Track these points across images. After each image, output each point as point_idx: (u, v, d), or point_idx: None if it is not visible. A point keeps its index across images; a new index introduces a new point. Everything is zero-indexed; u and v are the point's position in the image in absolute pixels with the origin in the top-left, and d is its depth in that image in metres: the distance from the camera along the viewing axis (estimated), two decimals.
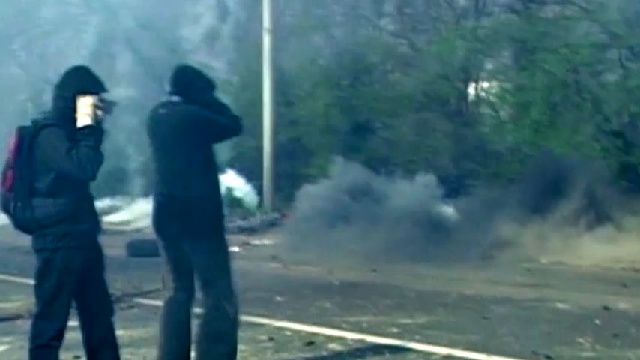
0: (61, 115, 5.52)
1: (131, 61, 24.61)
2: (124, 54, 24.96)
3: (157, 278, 11.20)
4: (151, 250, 14.73)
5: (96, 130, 5.47)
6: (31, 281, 5.75)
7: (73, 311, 9.07)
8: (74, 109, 5.50)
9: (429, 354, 7.56)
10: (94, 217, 5.68)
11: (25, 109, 31.85)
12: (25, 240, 5.80)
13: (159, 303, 9.00)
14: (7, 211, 5.58)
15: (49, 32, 30.71)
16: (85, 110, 5.48)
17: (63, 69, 5.78)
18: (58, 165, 5.42)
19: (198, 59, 24.24)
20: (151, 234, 6.78)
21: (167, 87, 6.55)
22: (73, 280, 5.58)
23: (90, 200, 5.68)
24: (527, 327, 8.76)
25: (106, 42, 26.29)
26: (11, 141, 5.54)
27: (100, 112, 5.51)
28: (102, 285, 5.79)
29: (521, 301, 10.37)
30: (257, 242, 17.26)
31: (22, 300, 10.45)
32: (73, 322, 9.03)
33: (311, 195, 16.83)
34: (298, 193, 17.29)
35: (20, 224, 5.58)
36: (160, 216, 6.43)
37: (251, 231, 18.89)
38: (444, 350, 7.67)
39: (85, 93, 5.52)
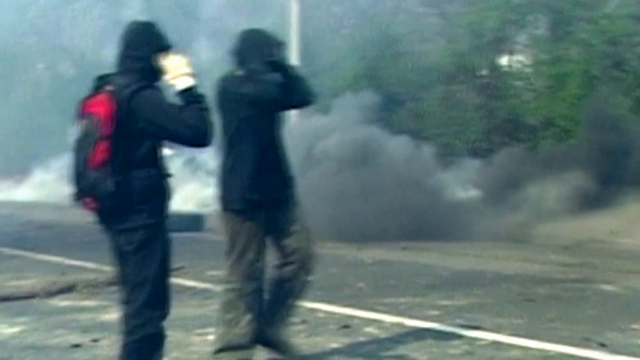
0: (140, 78, 4.93)
1: None
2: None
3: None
4: None
5: (199, 91, 4.96)
6: (46, 257, 5.22)
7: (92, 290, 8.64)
8: (154, 70, 4.97)
9: (474, 339, 7.06)
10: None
11: (42, 77, 31.64)
12: (39, 215, 5.25)
13: None
14: (94, 190, 4.86)
15: (65, 0, 30.39)
16: (183, 70, 4.93)
17: (78, 37, 5.20)
18: (168, 132, 4.87)
19: (217, 27, 23.91)
20: None
21: None
22: (170, 256, 5.07)
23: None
24: (574, 310, 8.26)
25: (121, 9, 25.91)
26: (101, 108, 4.85)
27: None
28: None
29: (564, 282, 9.91)
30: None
31: (37, 277, 10.13)
32: (90, 303, 8.75)
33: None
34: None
35: (111, 203, 4.88)
36: None
37: None
38: (489, 335, 7.16)
39: (163, 51, 4.99)
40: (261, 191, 5.94)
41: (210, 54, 21.87)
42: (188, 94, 4.91)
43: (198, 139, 4.91)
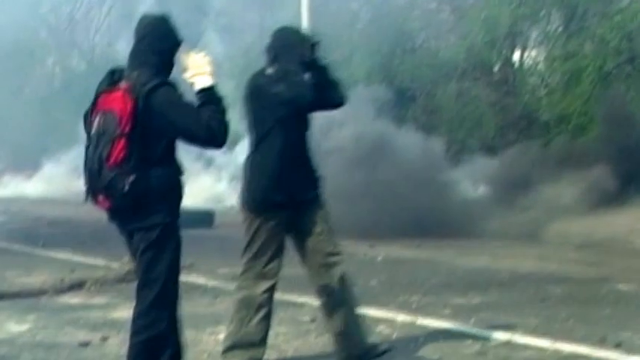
0: (155, 73, 4.85)
1: None
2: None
3: None
4: None
5: (218, 92, 4.89)
6: (56, 254, 5.13)
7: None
8: (169, 64, 4.92)
9: (487, 339, 6.94)
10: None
11: (53, 72, 31.51)
12: (49, 210, 5.16)
13: None
14: (110, 189, 4.76)
15: None
16: (204, 69, 4.86)
17: (89, 31, 5.10)
18: (183, 131, 4.80)
19: (227, 21, 23.78)
20: None
21: None
22: (180, 256, 5.00)
23: None
24: (589, 310, 8.11)
25: (133, 3, 25.82)
26: (118, 105, 4.76)
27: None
28: None
29: (580, 281, 9.76)
30: None
31: (47, 275, 10.05)
32: (99, 300, 8.68)
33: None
34: None
35: (126, 202, 4.79)
36: None
37: None
38: (502, 335, 7.03)
39: (177, 45, 4.96)
40: (284, 192, 5.83)
41: (221, 48, 21.76)
42: (206, 93, 4.82)
43: (212, 140, 4.82)
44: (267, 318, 5.98)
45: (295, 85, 5.74)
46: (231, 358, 5.91)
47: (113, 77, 4.91)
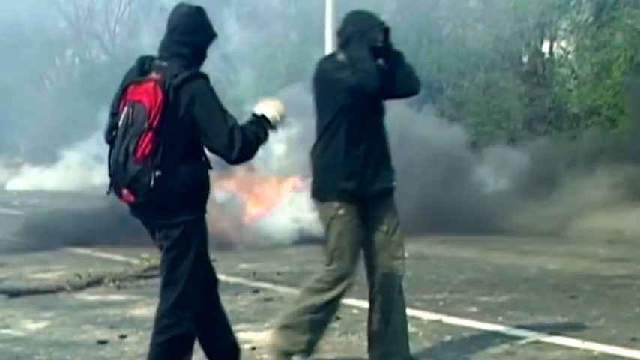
0: (187, 65, 4.72)
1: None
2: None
3: None
4: None
5: (269, 129, 4.82)
6: (73, 249, 4.97)
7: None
8: (200, 57, 4.82)
9: (515, 338, 6.74)
10: None
11: (72, 64, 31.52)
12: (67, 204, 5.00)
13: None
14: (135, 184, 4.63)
15: None
16: (277, 110, 4.85)
17: (112, 23, 4.95)
18: (202, 128, 4.66)
19: (248, 11, 23.69)
20: None
21: None
22: (207, 254, 4.88)
23: None
24: (620, 308, 7.88)
25: None
26: (148, 97, 4.62)
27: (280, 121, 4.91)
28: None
29: (610, 278, 9.53)
30: None
31: (64, 270, 9.97)
32: (118, 297, 8.55)
33: None
34: None
35: (151, 198, 4.65)
36: None
37: None
38: (530, 334, 6.85)
39: (212, 38, 4.86)
40: (354, 181, 5.56)
41: (243, 37, 21.59)
42: (261, 119, 4.75)
43: (229, 148, 4.67)
44: (332, 314, 5.80)
45: (360, 71, 5.47)
46: (279, 338, 5.67)
47: (143, 67, 4.76)
